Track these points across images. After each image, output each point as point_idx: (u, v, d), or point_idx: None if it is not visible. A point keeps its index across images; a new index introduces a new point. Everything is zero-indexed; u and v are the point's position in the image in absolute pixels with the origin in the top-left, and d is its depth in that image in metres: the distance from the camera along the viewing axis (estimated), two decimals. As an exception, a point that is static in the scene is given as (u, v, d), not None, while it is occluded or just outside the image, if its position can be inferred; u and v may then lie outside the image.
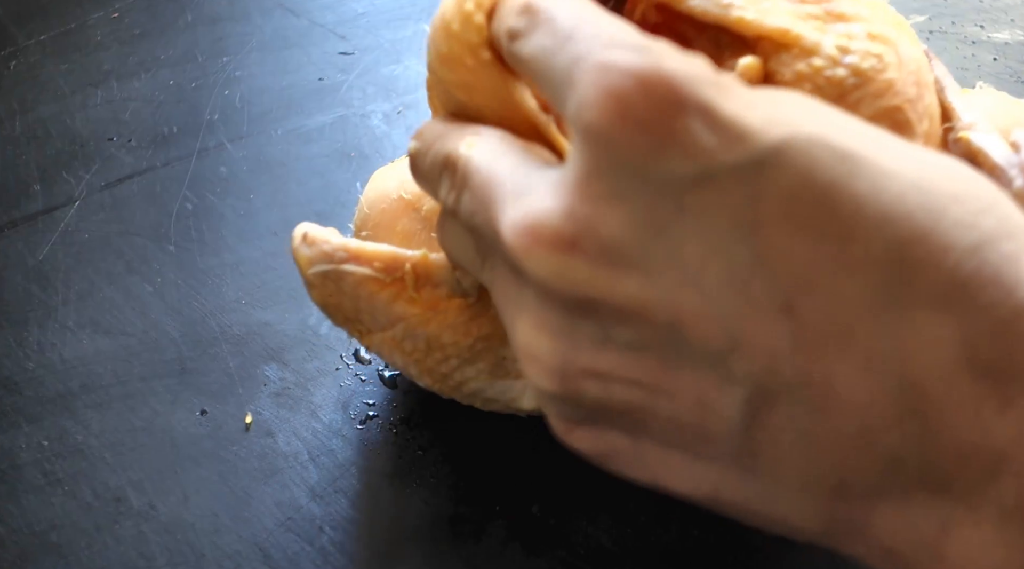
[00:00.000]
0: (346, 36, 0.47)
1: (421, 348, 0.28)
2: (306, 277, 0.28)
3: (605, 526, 0.30)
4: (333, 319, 0.29)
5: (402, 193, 0.30)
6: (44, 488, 0.31)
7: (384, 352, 0.29)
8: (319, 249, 0.27)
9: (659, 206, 0.17)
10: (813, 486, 0.18)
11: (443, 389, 0.29)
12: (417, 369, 0.29)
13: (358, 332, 0.29)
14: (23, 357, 0.35)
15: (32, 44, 0.47)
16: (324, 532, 0.30)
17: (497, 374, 0.28)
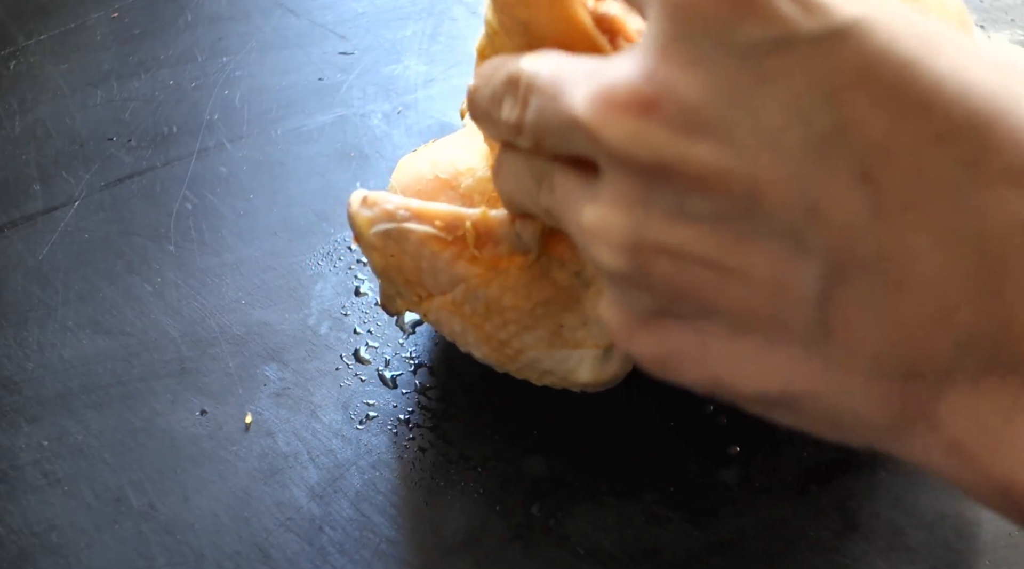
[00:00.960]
0: (346, 36, 0.47)
1: (480, 312, 0.28)
2: (367, 239, 0.27)
3: (605, 526, 0.30)
4: (392, 284, 0.29)
5: (437, 173, 0.29)
6: (44, 488, 0.31)
7: (443, 318, 0.28)
8: (381, 209, 0.27)
9: (738, 72, 0.17)
10: (886, 369, 0.17)
11: (499, 359, 0.29)
12: (475, 335, 0.28)
13: (417, 297, 0.29)
14: (23, 357, 0.35)
15: (32, 44, 0.47)
16: (324, 532, 0.30)
17: (555, 343, 0.28)
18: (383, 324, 0.35)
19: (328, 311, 0.36)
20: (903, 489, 0.30)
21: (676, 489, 0.30)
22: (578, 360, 0.28)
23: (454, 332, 0.29)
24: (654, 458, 0.31)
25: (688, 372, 0.20)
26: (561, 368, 0.28)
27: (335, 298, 0.36)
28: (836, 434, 0.19)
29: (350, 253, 0.38)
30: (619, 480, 0.31)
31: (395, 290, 0.29)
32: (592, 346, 0.28)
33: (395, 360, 0.34)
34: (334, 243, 0.38)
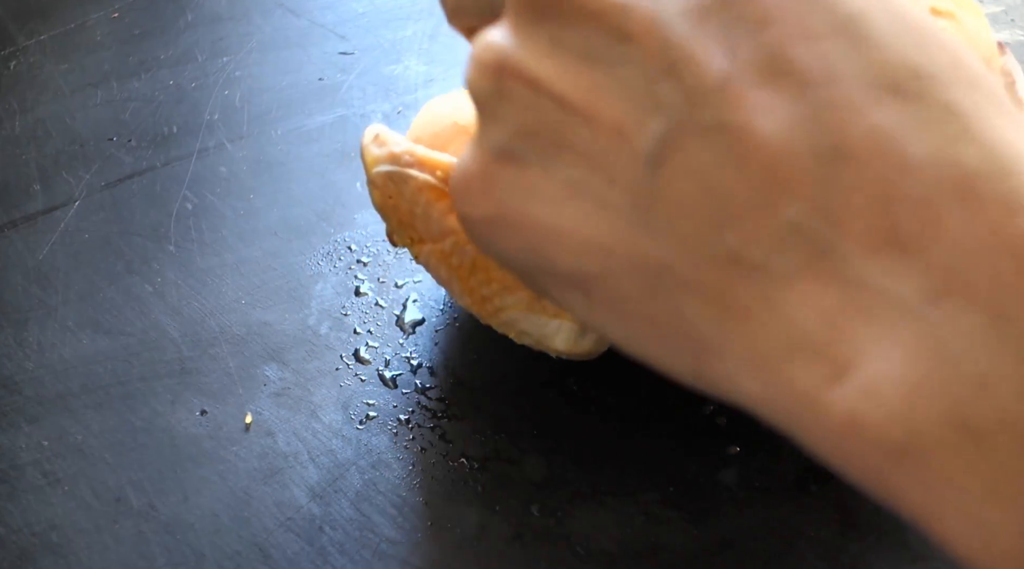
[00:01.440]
0: (346, 36, 0.47)
1: (467, 266, 0.28)
2: (370, 176, 0.28)
3: (605, 526, 0.30)
4: (388, 222, 0.29)
5: (456, 119, 0.30)
6: (44, 488, 0.31)
7: (431, 264, 0.29)
8: (388, 150, 0.28)
9: None
10: (705, 249, 0.17)
11: (481, 313, 0.29)
12: (460, 287, 0.29)
13: (410, 239, 0.29)
14: (23, 357, 0.35)
15: (32, 44, 0.47)
16: (324, 532, 0.30)
17: (535, 308, 0.28)
18: (383, 324, 0.35)
19: (328, 311, 0.36)
20: (903, 489, 0.30)
21: (676, 489, 0.30)
22: (556, 329, 0.29)
23: (440, 279, 0.30)
24: (654, 458, 0.31)
25: (512, 238, 0.20)
26: (538, 332, 0.29)
27: (335, 298, 0.36)
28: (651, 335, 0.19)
29: (350, 253, 0.38)
30: (619, 480, 0.31)
31: (391, 228, 0.30)
32: (570, 319, 0.29)
33: (395, 360, 0.34)
34: (334, 243, 0.38)
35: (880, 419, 0.15)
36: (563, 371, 0.33)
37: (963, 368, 0.14)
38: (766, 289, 0.16)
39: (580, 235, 0.19)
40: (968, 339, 0.14)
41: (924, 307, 0.15)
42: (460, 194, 0.21)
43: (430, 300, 0.36)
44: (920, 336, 0.15)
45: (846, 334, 0.16)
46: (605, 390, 0.33)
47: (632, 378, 0.33)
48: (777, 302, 0.16)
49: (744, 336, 0.17)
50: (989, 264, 0.14)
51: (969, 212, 0.15)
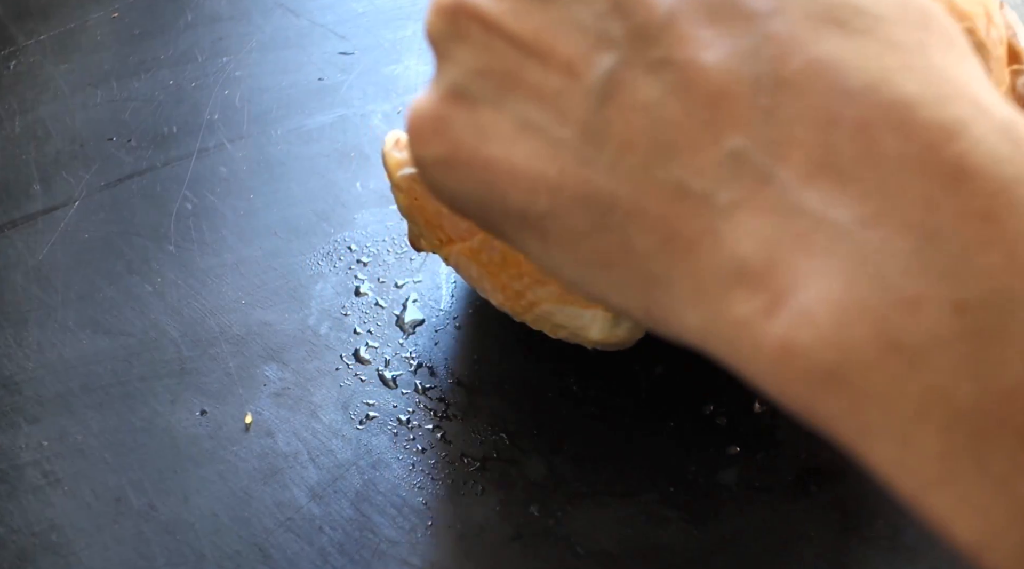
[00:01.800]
0: (346, 36, 0.47)
1: (497, 261, 0.28)
2: (394, 180, 0.28)
3: (605, 526, 0.30)
4: (415, 226, 0.29)
5: None
6: (44, 488, 0.31)
7: (461, 264, 0.29)
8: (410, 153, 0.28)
9: None
10: (651, 181, 0.17)
11: (515, 308, 0.29)
12: (491, 283, 0.29)
13: (438, 240, 0.29)
14: (23, 357, 0.35)
15: (32, 44, 0.47)
16: (324, 532, 0.30)
17: (567, 300, 0.28)
18: (383, 324, 0.35)
19: (328, 311, 0.36)
20: (903, 489, 0.30)
21: (676, 489, 0.30)
22: (590, 319, 0.28)
23: (471, 278, 0.29)
24: (654, 458, 0.31)
25: (465, 178, 0.20)
26: (573, 324, 0.29)
27: (335, 298, 0.36)
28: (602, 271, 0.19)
29: (350, 253, 0.38)
30: (619, 480, 0.31)
31: (418, 231, 0.30)
32: (604, 309, 0.28)
33: (395, 360, 0.34)
34: (334, 243, 0.38)
35: (812, 343, 0.15)
36: (563, 371, 0.33)
37: (894, 290, 0.15)
38: (710, 220, 0.17)
39: (531, 172, 0.19)
40: (900, 261, 0.15)
41: (859, 232, 0.15)
42: (414, 135, 0.21)
43: (430, 300, 0.36)
44: (854, 261, 0.15)
45: (784, 263, 0.16)
46: (605, 390, 0.33)
47: (632, 378, 0.33)
48: (719, 233, 0.17)
49: (688, 268, 0.17)
50: (921, 187, 0.15)
51: (904, 138, 0.15)
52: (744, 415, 0.32)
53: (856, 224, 0.15)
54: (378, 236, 0.38)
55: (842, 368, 0.15)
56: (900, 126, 0.15)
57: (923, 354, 0.14)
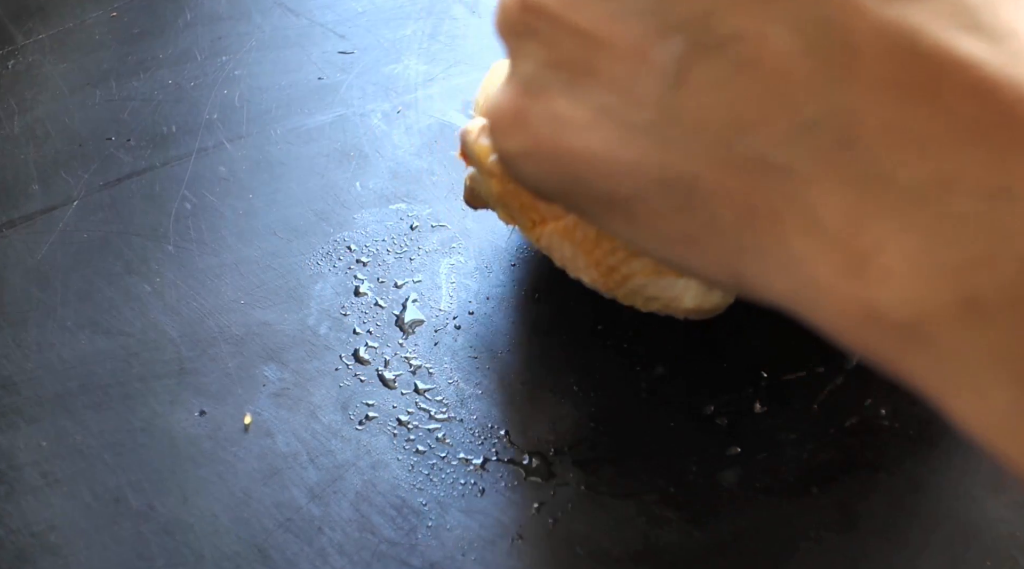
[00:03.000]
0: (346, 35, 0.47)
1: (591, 238, 0.28)
2: (486, 167, 0.28)
3: (605, 526, 0.30)
4: (507, 209, 0.29)
5: None
6: (43, 489, 0.31)
7: (554, 243, 0.29)
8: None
9: None
10: (729, 156, 0.18)
11: (607, 283, 0.30)
12: (585, 260, 0.29)
13: (531, 221, 0.29)
14: (22, 357, 0.35)
15: (31, 43, 0.46)
16: (323, 533, 0.30)
17: (661, 271, 0.29)
18: (383, 324, 0.35)
19: (328, 311, 0.36)
20: (903, 489, 0.30)
21: (676, 490, 0.30)
22: (683, 287, 0.29)
23: (564, 257, 0.30)
24: (654, 458, 0.31)
25: (548, 168, 0.21)
26: (665, 295, 0.29)
27: (335, 298, 0.36)
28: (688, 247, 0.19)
29: (350, 253, 0.37)
30: (619, 480, 0.31)
31: (509, 215, 0.30)
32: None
33: (394, 360, 0.34)
34: (333, 243, 0.38)
35: (894, 302, 0.16)
36: (563, 371, 0.33)
37: (969, 249, 0.15)
38: (791, 189, 0.17)
39: (611, 157, 0.20)
40: (975, 220, 0.15)
41: (935, 193, 0.16)
42: (496, 130, 0.22)
43: (430, 300, 0.36)
44: (931, 222, 0.16)
45: (864, 227, 0.16)
46: (605, 390, 0.33)
47: (632, 378, 0.33)
48: (802, 201, 0.17)
49: (773, 237, 0.18)
50: (994, 148, 0.15)
51: (975, 100, 0.15)
52: (744, 415, 0.32)
53: (932, 186, 0.15)
54: (378, 236, 0.38)
55: (922, 325, 0.16)
56: (971, 89, 0.15)
57: (996, 310, 0.15)
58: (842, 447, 0.31)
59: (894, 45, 0.16)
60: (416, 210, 0.39)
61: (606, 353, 0.34)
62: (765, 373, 0.33)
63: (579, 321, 0.34)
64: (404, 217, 0.39)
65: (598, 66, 0.19)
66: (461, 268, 0.37)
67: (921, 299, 0.16)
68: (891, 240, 0.16)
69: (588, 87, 0.20)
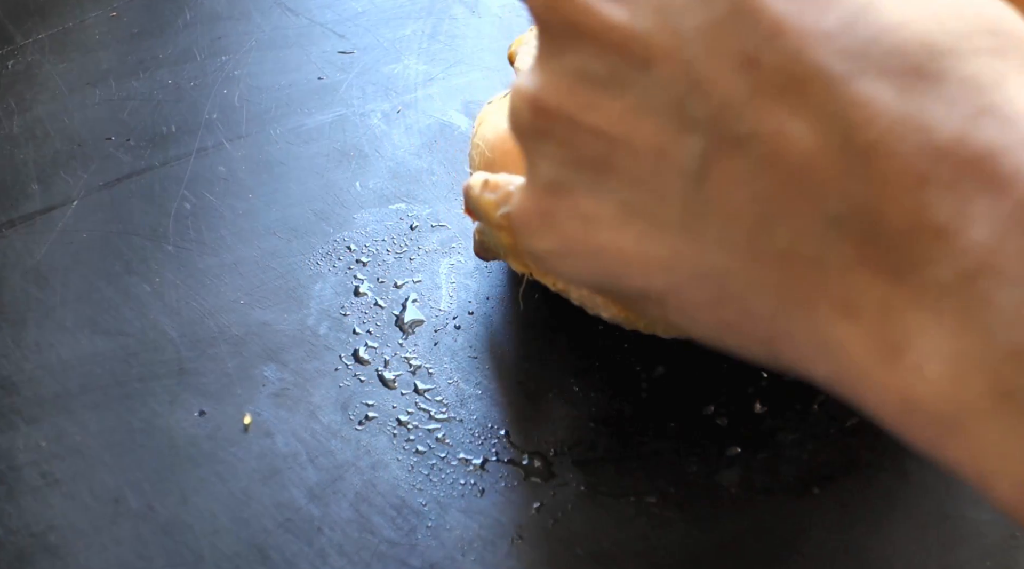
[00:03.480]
0: (345, 35, 0.46)
1: None
2: (494, 221, 0.28)
3: (605, 526, 0.30)
4: (519, 259, 0.30)
5: None
6: (42, 489, 0.31)
7: (570, 286, 0.30)
8: (504, 191, 0.28)
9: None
10: (762, 248, 0.18)
11: (628, 318, 0.30)
12: (603, 299, 0.30)
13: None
14: (21, 357, 0.35)
15: (30, 43, 0.46)
16: (323, 533, 0.30)
17: None
18: (382, 324, 0.35)
19: (327, 311, 0.36)
20: (903, 489, 0.30)
21: (676, 490, 0.30)
22: None
23: (582, 296, 0.30)
24: (654, 459, 0.31)
25: (580, 265, 0.21)
26: None
27: (334, 298, 0.36)
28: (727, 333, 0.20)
29: (349, 253, 0.37)
30: (619, 480, 0.31)
31: (523, 264, 0.30)
32: None
33: (394, 361, 0.34)
34: (333, 243, 0.38)
35: (930, 396, 0.16)
36: (563, 372, 0.33)
37: (1000, 342, 0.15)
38: (823, 279, 0.17)
39: (641, 255, 0.20)
40: (1003, 314, 0.15)
41: (962, 287, 0.16)
42: (522, 230, 0.22)
43: (429, 300, 0.36)
44: (960, 315, 0.16)
45: (897, 318, 0.16)
46: (605, 391, 0.33)
47: (632, 378, 0.33)
48: (835, 290, 0.17)
49: (809, 324, 0.18)
50: (1016, 239, 0.15)
51: (995, 191, 0.15)
52: (745, 415, 0.32)
53: (959, 279, 0.16)
54: (377, 236, 0.38)
55: (959, 419, 0.16)
56: (989, 180, 0.15)
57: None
58: (842, 447, 0.31)
59: (911, 140, 0.16)
60: (416, 210, 0.39)
61: (606, 353, 0.34)
62: (765, 373, 0.33)
63: (579, 321, 0.34)
64: (404, 217, 0.39)
65: (619, 163, 0.19)
66: (461, 268, 0.37)
67: (956, 394, 0.16)
68: (923, 333, 0.16)
69: (611, 184, 0.20)
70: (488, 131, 0.32)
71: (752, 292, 0.18)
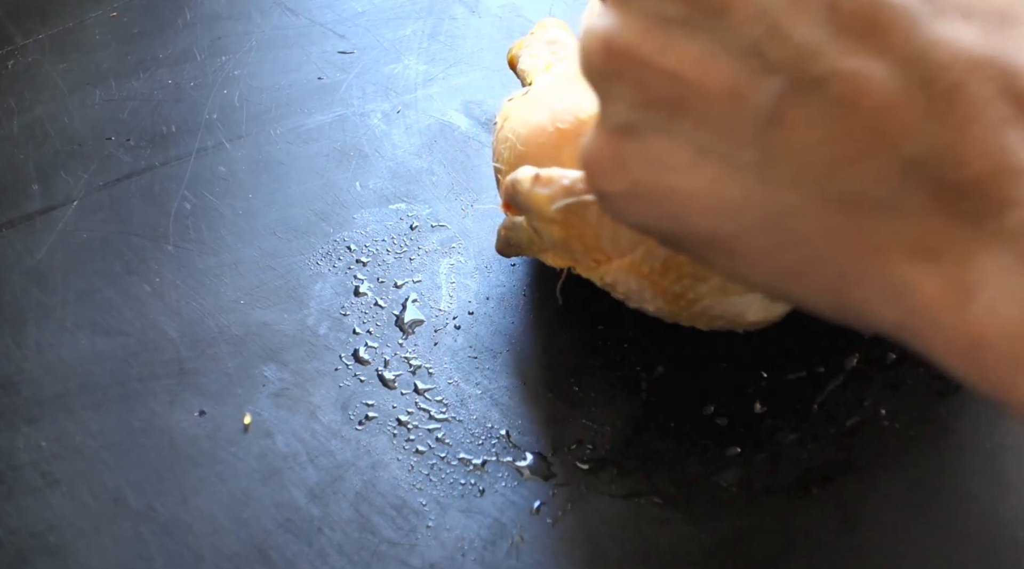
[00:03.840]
0: (345, 35, 0.46)
1: (658, 269, 0.29)
2: (547, 215, 0.29)
3: (605, 526, 0.30)
4: (569, 252, 0.30)
5: (557, 124, 0.30)
6: (42, 489, 0.31)
7: (620, 279, 0.30)
8: (559, 185, 0.28)
9: None
10: (833, 192, 0.18)
11: (674, 310, 0.30)
12: (652, 291, 0.30)
13: (595, 261, 0.30)
14: (21, 358, 0.35)
15: (30, 43, 0.46)
16: (323, 533, 0.30)
17: (728, 290, 0.29)
18: (382, 324, 0.35)
19: (327, 311, 0.36)
20: (903, 489, 0.30)
21: (676, 490, 0.30)
22: (748, 303, 0.29)
23: (629, 290, 0.30)
24: (654, 459, 0.31)
25: (650, 208, 0.21)
26: (730, 313, 0.30)
27: (334, 298, 0.36)
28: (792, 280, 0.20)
29: (349, 253, 0.37)
30: (619, 481, 0.31)
31: (572, 258, 0.30)
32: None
33: (394, 361, 0.34)
34: (333, 243, 0.38)
35: (1003, 335, 0.16)
36: (562, 372, 0.33)
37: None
38: (896, 224, 0.17)
39: (713, 197, 0.20)
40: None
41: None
42: (593, 173, 0.22)
43: (429, 300, 0.36)
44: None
45: (972, 260, 0.17)
46: (605, 391, 0.33)
47: (632, 378, 0.33)
48: (908, 235, 0.17)
49: (879, 269, 0.18)
50: None
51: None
52: (745, 415, 0.32)
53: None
54: (377, 236, 0.38)
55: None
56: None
57: None
58: (842, 447, 0.31)
59: (994, 81, 0.16)
60: (416, 210, 0.39)
61: (606, 353, 0.34)
62: (765, 373, 0.33)
63: (579, 321, 0.34)
64: (404, 217, 0.39)
65: (692, 106, 0.19)
66: (461, 268, 0.37)
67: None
68: (998, 274, 0.16)
69: (684, 127, 0.19)
70: (518, 125, 0.32)
71: (822, 236, 0.18)
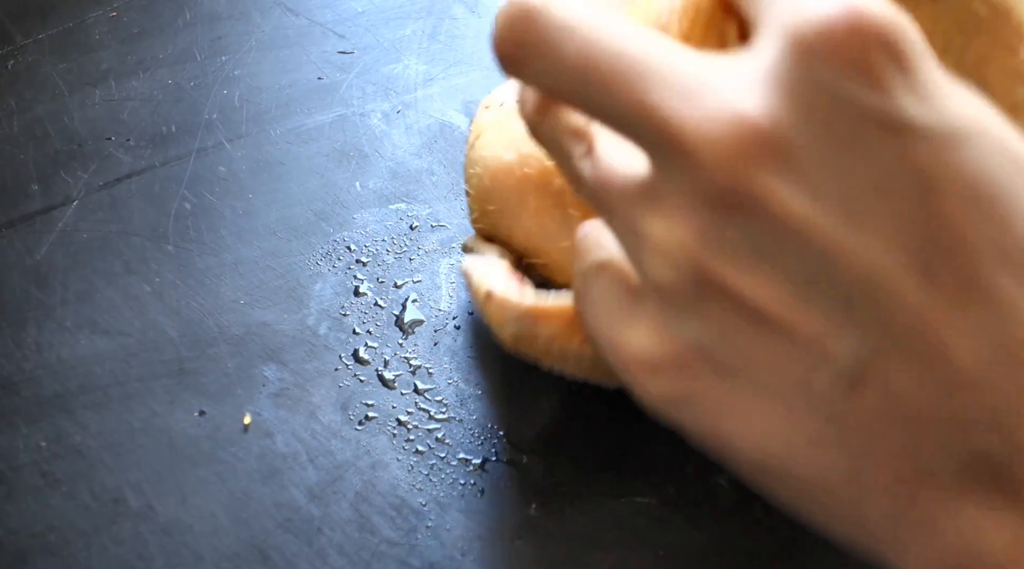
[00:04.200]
0: (345, 35, 0.46)
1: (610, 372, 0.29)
2: (502, 336, 0.29)
3: (605, 527, 0.30)
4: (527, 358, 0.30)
5: (525, 169, 0.29)
6: (42, 489, 0.31)
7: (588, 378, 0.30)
8: (508, 313, 0.28)
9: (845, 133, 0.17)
10: (900, 460, 0.17)
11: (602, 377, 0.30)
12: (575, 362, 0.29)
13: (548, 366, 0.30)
14: (21, 358, 0.35)
15: (30, 43, 0.46)
16: (323, 533, 0.30)
17: None
18: (382, 324, 0.35)
19: (327, 311, 0.36)
20: (904, 490, 0.30)
21: (675, 490, 0.30)
22: None
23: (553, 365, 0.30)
24: (654, 459, 0.31)
25: (695, 418, 0.20)
26: None
27: (334, 298, 0.36)
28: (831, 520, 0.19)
29: (349, 253, 0.37)
30: (619, 481, 0.31)
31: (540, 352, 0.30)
32: None
33: (394, 361, 0.34)
34: (333, 243, 0.38)
35: None
36: (563, 371, 0.33)
37: None
38: (955, 504, 0.17)
39: (765, 432, 0.19)
40: None
41: None
42: (642, 372, 0.20)
43: (429, 300, 0.36)
44: None
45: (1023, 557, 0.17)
46: (605, 391, 0.33)
47: (632, 378, 0.33)
48: (964, 517, 0.17)
49: (926, 541, 0.18)
50: None
51: None
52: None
53: None
54: (377, 236, 0.38)
55: None
56: None
57: None
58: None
59: None
60: (416, 210, 0.39)
61: (606, 353, 0.34)
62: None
63: (579, 321, 0.34)
64: (404, 217, 0.39)
65: (773, 348, 0.18)
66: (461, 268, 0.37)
67: None
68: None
69: (759, 370, 0.18)
70: (488, 154, 0.30)
71: (872, 498, 0.18)
